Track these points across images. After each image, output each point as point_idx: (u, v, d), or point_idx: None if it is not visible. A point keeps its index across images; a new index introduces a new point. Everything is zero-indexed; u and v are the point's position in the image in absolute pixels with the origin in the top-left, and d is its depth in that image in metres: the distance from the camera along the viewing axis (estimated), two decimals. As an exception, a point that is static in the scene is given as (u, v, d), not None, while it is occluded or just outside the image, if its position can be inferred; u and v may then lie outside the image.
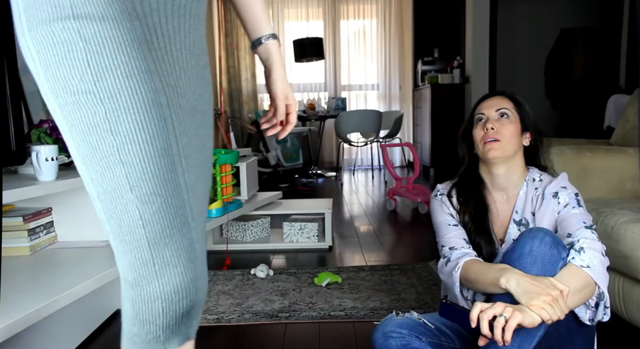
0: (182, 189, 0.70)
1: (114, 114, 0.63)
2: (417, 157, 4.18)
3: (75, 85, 0.63)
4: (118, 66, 0.63)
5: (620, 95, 3.70)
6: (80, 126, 0.64)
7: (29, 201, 1.80)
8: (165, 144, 0.67)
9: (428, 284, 2.20)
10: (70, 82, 0.63)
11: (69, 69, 0.63)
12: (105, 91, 0.63)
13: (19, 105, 1.46)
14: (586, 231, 1.20)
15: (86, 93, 0.63)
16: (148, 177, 0.65)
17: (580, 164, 2.07)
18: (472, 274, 1.21)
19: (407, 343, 1.21)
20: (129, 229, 0.67)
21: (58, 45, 0.62)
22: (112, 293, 1.94)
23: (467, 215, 1.35)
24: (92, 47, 0.62)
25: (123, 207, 0.66)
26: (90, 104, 0.63)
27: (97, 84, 0.63)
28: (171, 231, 0.68)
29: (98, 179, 0.66)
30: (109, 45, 0.63)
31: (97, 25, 0.62)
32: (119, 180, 0.65)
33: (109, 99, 0.63)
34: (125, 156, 0.64)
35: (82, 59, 0.62)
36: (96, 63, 0.62)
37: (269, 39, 1.00)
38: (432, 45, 6.29)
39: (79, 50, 0.62)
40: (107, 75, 0.63)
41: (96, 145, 0.65)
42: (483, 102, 1.40)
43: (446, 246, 1.31)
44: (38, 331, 1.46)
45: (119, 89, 0.63)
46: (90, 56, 0.62)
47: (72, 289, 1.36)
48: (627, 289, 1.58)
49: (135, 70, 0.65)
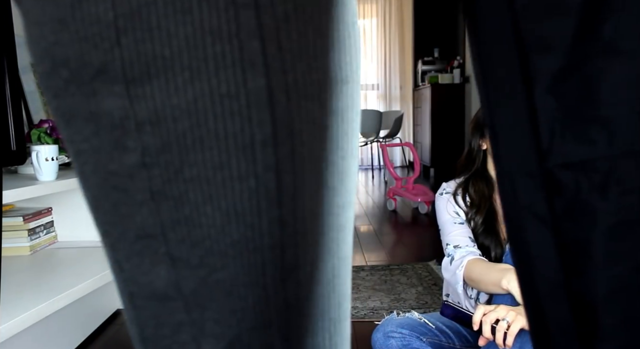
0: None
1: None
2: (417, 157, 4.18)
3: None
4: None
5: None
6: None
7: (29, 201, 1.80)
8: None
9: (428, 284, 2.20)
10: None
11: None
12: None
13: (19, 105, 1.46)
14: None
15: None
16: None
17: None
18: (476, 273, 1.21)
19: (408, 343, 1.21)
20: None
21: None
22: (112, 293, 1.94)
23: (477, 217, 1.34)
24: None
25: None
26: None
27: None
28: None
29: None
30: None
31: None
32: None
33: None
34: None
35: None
36: None
37: None
38: (432, 45, 6.29)
39: None
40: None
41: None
42: None
43: (451, 244, 1.31)
44: (38, 331, 1.46)
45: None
46: None
47: (72, 289, 1.36)
48: (627, 289, 1.57)
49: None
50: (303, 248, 0.32)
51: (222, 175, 0.29)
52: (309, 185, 0.31)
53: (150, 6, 0.26)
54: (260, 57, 0.28)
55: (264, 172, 0.30)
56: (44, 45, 0.28)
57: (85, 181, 0.31)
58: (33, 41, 0.29)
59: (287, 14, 0.28)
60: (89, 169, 0.30)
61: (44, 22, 0.27)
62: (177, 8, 0.26)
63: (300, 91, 0.30)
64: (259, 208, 0.30)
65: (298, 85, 0.30)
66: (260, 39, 0.28)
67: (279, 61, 0.28)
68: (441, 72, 5.90)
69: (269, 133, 0.29)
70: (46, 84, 0.29)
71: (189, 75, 0.27)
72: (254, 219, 0.30)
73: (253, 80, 0.28)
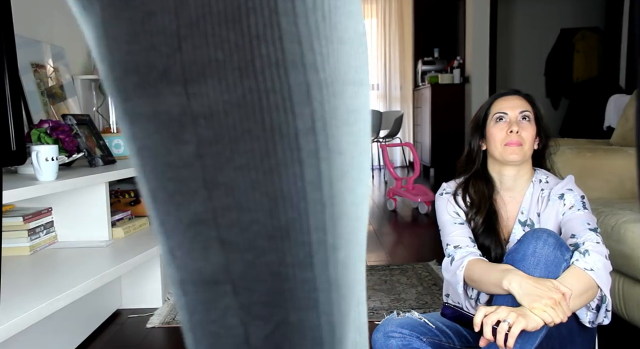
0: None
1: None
2: (417, 157, 4.18)
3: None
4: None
5: (620, 95, 3.70)
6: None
7: (29, 201, 1.80)
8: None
9: (428, 284, 2.20)
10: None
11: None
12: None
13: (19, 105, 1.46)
14: (590, 233, 1.19)
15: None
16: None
17: (580, 164, 2.06)
18: (476, 274, 1.20)
19: (408, 343, 1.21)
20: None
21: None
22: (112, 293, 1.94)
23: (477, 217, 1.33)
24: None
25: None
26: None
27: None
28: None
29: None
30: None
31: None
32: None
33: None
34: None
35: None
36: None
37: None
38: (432, 45, 6.29)
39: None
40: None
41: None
42: (503, 100, 1.35)
43: (451, 245, 1.31)
44: (38, 331, 1.46)
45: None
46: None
47: (72, 289, 1.36)
48: (627, 289, 1.57)
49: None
50: (339, 231, 0.35)
51: (269, 162, 0.32)
52: (338, 173, 0.35)
53: (207, 17, 0.30)
54: (299, 57, 0.32)
55: (307, 158, 0.33)
56: (118, 56, 0.32)
57: (145, 175, 0.34)
58: (109, 53, 0.33)
59: (317, 23, 0.33)
60: (150, 163, 0.34)
61: (119, 36, 0.32)
62: (229, 17, 0.31)
63: (329, 88, 0.34)
64: (304, 191, 0.33)
65: (327, 84, 0.34)
66: (298, 43, 0.32)
67: (312, 62, 0.33)
68: (441, 72, 5.90)
69: (309, 124, 0.33)
70: (117, 89, 0.33)
71: (239, 74, 0.31)
72: (300, 202, 0.33)
73: (294, 77, 0.32)
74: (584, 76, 6.16)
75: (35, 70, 2.14)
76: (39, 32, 2.23)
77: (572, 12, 6.30)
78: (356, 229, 0.38)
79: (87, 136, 1.94)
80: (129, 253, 1.70)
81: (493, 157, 1.35)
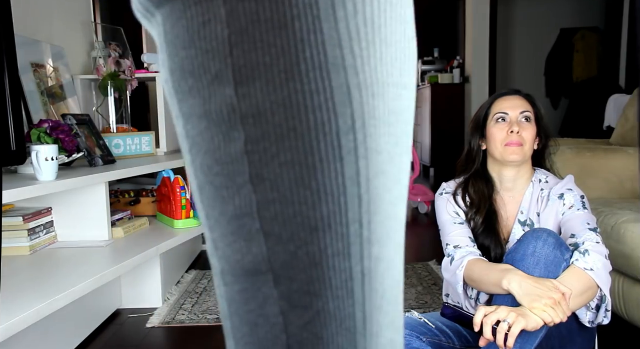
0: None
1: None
2: (417, 157, 4.18)
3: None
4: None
5: (620, 95, 3.70)
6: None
7: (29, 201, 1.80)
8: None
9: (428, 284, 2.20)
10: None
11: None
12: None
13: (19, 105, 1.46)
14: (590, 233, 1.19)
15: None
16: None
17: (580, 164, 2.06)
18: (476, 274, 1.20)
19: (408, 343, 1.21)
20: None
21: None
22: (112, 293, 1.94)
23: (477, 217, 1.33)
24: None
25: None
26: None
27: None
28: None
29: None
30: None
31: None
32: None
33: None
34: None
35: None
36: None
37: None
38: (432, 45, 6.29)
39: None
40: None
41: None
42: (503, 100, 1.35)
43: (451, 245, 1.31)
44: (38, 331, 1.46)
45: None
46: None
47: (72, 289, 1.36)
48: (627, 289, 1.58)
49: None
50: (374, 226, 0.37)
51: (312, 159, 0.34)
52: (375, 171, 0.37)
53: (255, 24, 0.33)
54: (340, 60, 0.34)
55: (347, 156, 0.35)
56: (177, 61, 0.35)
57: (195, 171, 0.37)
58: (169, 58, 0.36)
59: (358, 27, 0.35)
60: (200, 159, 0.36)
61: (178, 43, 0.35)
62: (275, 25, 0.33)
63: (369, 89, 0.36)
64: (344, 187, 0.35)
65: (367, 85, 0.36)
66: (339, 47, 0.34)
67: (352, 64, 0.35)
68: (441, 72, 5.90)
69: (349, 123, 0.35)
70: (175, 90, 0.36)
71: (285, 76, 0.33)
72: (341, 197, 0.35)
73: (336, 79, 0.34)
74: (584, 76, 6.16)
75: (35, 70, 2.14)
76: (39, 32, 2.23)
77: (572, 12, 6.30)
78: (393, 228, 0.39)
79: (87, 136, 1.94)
80: (129, 253, 1.70)
81: (493, 157, 1.35)
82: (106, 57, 2.43)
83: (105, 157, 1.93)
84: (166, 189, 2.10)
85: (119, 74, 2.32)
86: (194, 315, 1.91)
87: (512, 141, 1.28)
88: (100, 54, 2.57)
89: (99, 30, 2.79)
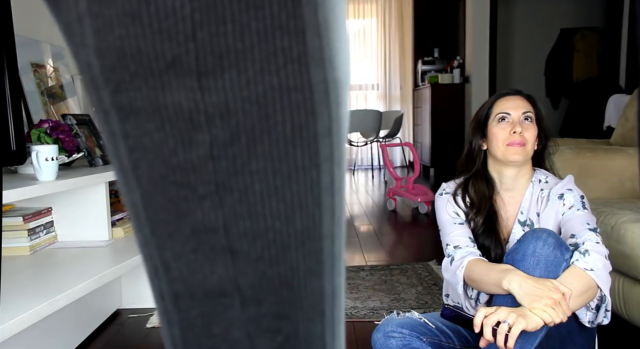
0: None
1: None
2: (417, 157, 4.18)
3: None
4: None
5: (620, 95, 3.70)
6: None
7: (29, 201, 1.80)
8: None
9: (428, 284, 2.20)
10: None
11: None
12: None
13: (19, 105, 1.46)
14: (590, 233, 1.19)
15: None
16: None
17: (580, 164, 2.06)
18: (476, 274, 1.20)
19: (408, 343, 1.21)
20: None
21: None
22: (112, 293, 1.94)
23: (477, 217, 1.33)
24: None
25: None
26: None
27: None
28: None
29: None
30: None
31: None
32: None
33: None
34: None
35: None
36: None
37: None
38: (432, 45, 6.29)
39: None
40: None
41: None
42: (505, 100, 1.35)
43: (451, 245, 1.31)
44: (38, 331, 1.46)
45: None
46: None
47: (72, 289, 1.36)
48: (627, 289, 1.58)
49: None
50: (340, 238, 0.34)
51: (287, 166, 0.30)
52: (343, 178, 0.33)
53: (225, 0, 0.26)
54: (318, 52, 0.29)
55: (322, 163, 0.31)
56: (110, 39, 0.27)
57: (137, 178, 0.30)
58: (96, 35, 0.28)
59: (328, 16, 0.30)
60: (145, 164, 0.30)
61: (111, 15, 0.27)
62: (250, 4, 0.27)
63: (340, 88, 0.31)
64: (319, 198, 0.31)
65: (339, 82, 0.31)
66: (318, 36, 0.29)
67: (329, 58, 0.30)
68: (441, 72, 5.90)
69: (327, 125, 0.31)
70: (105, 78, 0.28)
71: (260, 67, 0.28)
72: (315, 209, 0.31)
73: (315, 74, 0.29)
74: (584, 76, 6.16)
75: (35, 70, 2.14)
76: (39, 32, 2.23)
77: (572, 12, 6.30)
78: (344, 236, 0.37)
79: (87, 136, 1.94)
80: (129, 253, 1.70)
81: (494, 157, 1.34)
82: (106, 57, 2.43)
83: (105, 157, 1.94)
84: (166, 189, 2.10)
85: (119, 74, 2.32)
86: (194, 315, 1.91)
87: (514, 141, 1.28)
88: (100, 54, 2.57)
89: (99, 30, 2.78)
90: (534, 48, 6.43)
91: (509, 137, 1.29)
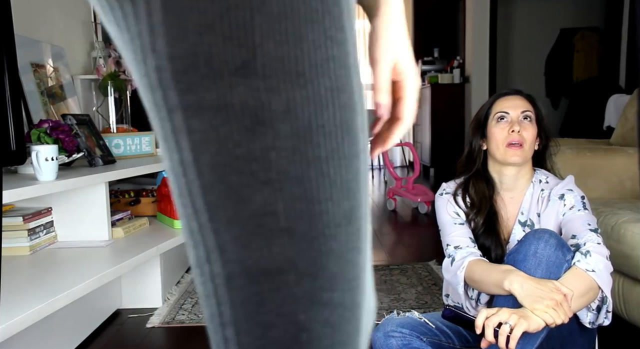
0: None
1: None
2: (417, 157, 4.17)
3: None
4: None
5: (620, 95, 3.70)
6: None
7: (29, 201, 1.80)
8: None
9: (428, 284, 2.20)
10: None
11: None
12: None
13: (19, 105, 1.46)
14: (591, 233, 1.19)
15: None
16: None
17: (580, 164, 2.06)
18: (477, 274, 1.20)
19: (408, 343, 1.21)
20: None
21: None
22: (112, 293, 1.94)
23: (477, 218, 1.33)
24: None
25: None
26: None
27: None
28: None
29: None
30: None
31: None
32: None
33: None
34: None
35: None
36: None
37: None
38: (432, 45, 6.29)
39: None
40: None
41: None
42: (504, 99, 1.34)
43: (451, 245, 1.30)
44: (38, 331, 1.46)
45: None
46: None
47: (72, 289, 1.36)
48: (627, 289, 1.57)
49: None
50: (368, 220, 0.39)
51: (338, 155, 0.35)
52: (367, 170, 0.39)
53: (287, 14, 0.32)
54: (353, 60, 0.36)
55: (361, 153, 0.37)
56: (185, 46, 0.32)
57: (197, 169, 0.34)
58: (170, 42, 0.32)
59: (354, 30, 0.37)
60: (208, 156, 0.33)
61: (187, 26, 0.31)
62: (308, 18, 0.33)
63: (364, 91, 0.39)
64: (359, 183, 0.37)
65: (363, 86, 0.39)
66: (353, 46, 0.36)
67: (357, 65, 0.37)
68: (441, 72, 5.90)
69: (362, 121, 0.37)
70: (176, 80, 0.32)
71: (315, 72, 0.33)
72: (358, 193, 0.37)
73: (355, 78, 0.36)
74: (584, 76, 6.15)
75: (35, 70, 2.14)
76: (39, 32, 2.23)
77: (572, 12, 6.29)
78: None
79: (87, 136, 1.94)
80: (129, 253, 1.70)
81: (494, 157, 1.34)
82: (106, 57, 2.43)
83: (105, 157, 1.93)
84: (166, 189, 2.10)
85: (118, 73, 2.32)
86: (193, 315, 1.91)
87: (513, 140, 1.28)
88: (100, 54, 2.57)
89: (99, 30, 2.79)
90: (534, 48, 6.43)
91: (508, 137, 1.29)
